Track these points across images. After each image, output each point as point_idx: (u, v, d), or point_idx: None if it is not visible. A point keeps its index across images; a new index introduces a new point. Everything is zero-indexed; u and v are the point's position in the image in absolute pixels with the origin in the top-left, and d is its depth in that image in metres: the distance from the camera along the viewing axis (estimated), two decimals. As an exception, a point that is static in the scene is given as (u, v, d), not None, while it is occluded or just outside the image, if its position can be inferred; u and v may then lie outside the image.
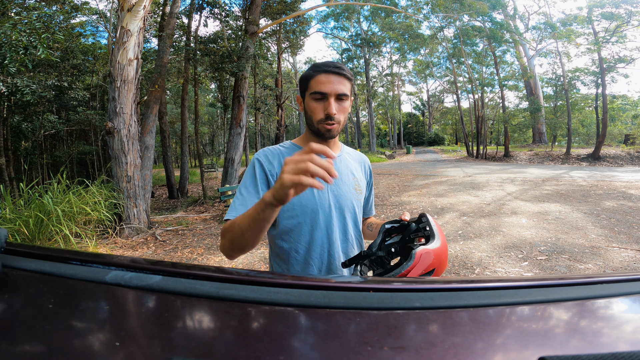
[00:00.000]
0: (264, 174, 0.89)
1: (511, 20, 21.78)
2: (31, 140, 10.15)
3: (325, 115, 0.86)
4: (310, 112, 0.89)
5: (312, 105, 0.88)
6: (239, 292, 0.40)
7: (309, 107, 0.89)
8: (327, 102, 0.86)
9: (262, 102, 10.27)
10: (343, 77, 0.87)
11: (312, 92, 0.87)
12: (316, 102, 0.87)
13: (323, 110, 0.87)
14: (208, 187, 9.62)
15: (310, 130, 0.93)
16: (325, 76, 0.86)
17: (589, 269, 3.23)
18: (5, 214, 4.02)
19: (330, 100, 0.85)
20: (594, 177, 9.76)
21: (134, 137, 5.25)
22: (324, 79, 0.86)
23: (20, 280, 0.48)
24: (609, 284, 0.45)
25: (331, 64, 0.87)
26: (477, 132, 20.70)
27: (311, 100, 0.88)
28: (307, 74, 0.89)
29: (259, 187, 0.86)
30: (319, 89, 0.86)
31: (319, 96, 0.86)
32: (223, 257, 4.19)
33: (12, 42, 4.29)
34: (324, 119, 0.87)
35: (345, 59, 27.29)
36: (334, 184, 0.94)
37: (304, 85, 0.90)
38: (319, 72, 0.87)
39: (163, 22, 8.39)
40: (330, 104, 0.85)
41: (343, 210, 0.94)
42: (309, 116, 0.90)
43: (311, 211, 0.90)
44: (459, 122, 24.35)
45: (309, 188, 0.68)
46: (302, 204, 0.90)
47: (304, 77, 0.90)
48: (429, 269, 0.69)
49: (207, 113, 26.94)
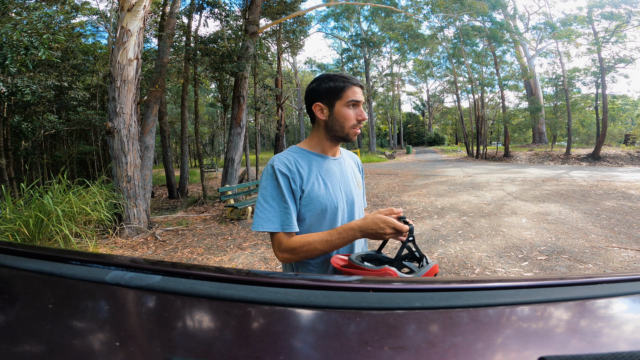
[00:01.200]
0: (288, 183, 0.97)
1: (511, 20, 21.78)
2: (31, 140, 10.15)
3: (357, 121, 1.01)
4: (343, 118, 1.00)
5: (346, 113, 0.99)
6: (239, 292, 0.40)
7: (341, 114, 1.00)
8: (359, 109, 1.01)
9: (262, 102, 10.26)
10: (362, 88, 1.02)
11: (350, 101, 0.99)
12: (351, 110, 1.00)
13: (356, 117, 1.00)
14: (208, 187, 9.63)
15: (331, 135, 1.03)
16: (358, 88, 1.00)
17: (589, 269, 3.23)
18: (5, 214, 4.02)
19: (360, 107, 1.01)
20: (594, 177, 9.76)
21: (134, 137, 5.25)
22: (357, 90, 1.00)
23: (20, 280, 0.48)
24: (609, 284, 0.45)
25: (354, 78, 1.02)
26: (477, 132, 20.69)
27: (346, 108, 0.99)
28: (339, 85, 0.99)
29: (286, 197, 0.96)
30: (355, 98, 0.99)
31: (355, 104, 1.00)
32: (223, 257, 4.20)
33: (13, 42, 4.29)
34: (356, 124, 1.01)
35: (345, 59, 27.28)
36: (344, 182, 1.06)
37: (334, 94, 0.99)
38: (352, 84, 0.99)
39: (163, 22, 8.38)
40: (362, 111, 1.01)
41: (353, 204, 1.07)
42: (340, 122, 1.00)
43: (330, 207, 1.01)
44: (459, 122, 24.34)
45: (325, 188, 1.00)
46: (321, 202, 0.99)
47: (335, 87, 0.99)
48: None
49: (207, 113, 26.95)
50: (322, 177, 1.00)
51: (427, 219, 5.49)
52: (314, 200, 0.97)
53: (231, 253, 4.34)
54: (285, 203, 0.95)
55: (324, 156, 1.04)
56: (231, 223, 6.02)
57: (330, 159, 1.05)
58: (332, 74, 1.02)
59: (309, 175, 0.98)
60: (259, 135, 12.19)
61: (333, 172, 1.03)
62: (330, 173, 1.02)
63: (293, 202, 0.96)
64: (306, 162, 1.01)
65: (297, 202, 0.97)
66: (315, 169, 1.00)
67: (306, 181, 0.98)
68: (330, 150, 1.05)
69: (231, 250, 4.44)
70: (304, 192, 0.97)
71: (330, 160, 1.05)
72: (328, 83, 1.00)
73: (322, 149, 1.05)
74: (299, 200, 0.98)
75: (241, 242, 4.80)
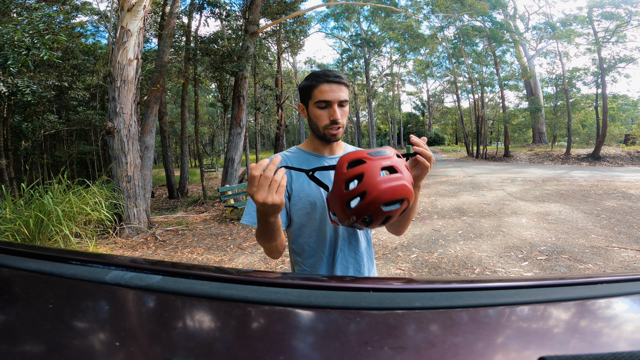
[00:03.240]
0: None
1: (511, 20, 21.77)
2: (31, 140, 10.15)
3: (330, 121, 0.94)
4: (316, 119, 0.95)
5: (318, 113, 0.94)
6: (239, 292, 0.40)
7: (314, 115, 0.95)
8: (331, 109, 0.93)
9: (262, 102, 10.27)
10: (342, 84, 0.94)
11: (317, 101, 0.93)
12: (321, 110, 0.94)
13: (328, 117, 0.93)
14: (208, 187, 9.63)
15: (315, 135, 1.00)
16: (328, 85, 0.92)
17: (589, 269, 3.23)
18: (5, 214, 4.02)
19: (334, 107, 0.92)
20: (594, 177, 9.76)
21: (134, 137, 5.25)
22: (326, 88, 0.92)
23: (20, 280, 0.48)
24: (609, 284, 0.45)
25: (330, 73, 0.93)
26: (477, 132, 20.69)
27: (316, 109, 0.94)
28: (309, 84, 0.95)
29: None
30: (323, 98, 0.92)
31: (324, 104, 0.93)
32: (223, 257, 4.20)
33: (15, 42, 4.29)
34: (330, 124, 0.94)
35: (345, 59, 27.27)
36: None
37: (306, 94, 0.96)
38: (321, 82, 0.92)
39: (163, 22, 8.38)
40: (335, 110, 0.92)
41: None
42: (314, 123, 0.97)
43: (319, 202, 0.97)
44: (459, 122, 24.33)
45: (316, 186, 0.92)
46: (311, 201, 0.97)
47: (305, 86, 0.96)
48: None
49: (207, 113, 26.94)
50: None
51: (427, 219, 5.49)
52: (303, 198, 0.96)
53: (231, 253, 4.34)
54: None
55: (319, 155, 1.03)
56: (231, 223, 6.02)
57: (325, 158, 1.03)
58: (315, 71, 0.98)
59: (299, 174, 0.97)
60: (259, 135, 12.19)
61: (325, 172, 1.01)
62: (322, 172, 1.00)
63: None
64: (299, 161, 1.00)
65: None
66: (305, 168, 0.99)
67: (295, 179, 0.97)
68: (325, 149, 1.03)
69: (231, 250, 4.44)
70: (292, 190, 0.97)
71: (326, 160, 1.03)
72: (304, 82, 0.97)
73: (315, 148, 1.03)
74: (289, 199, 0.97)
75: (241, 242, 4.80)
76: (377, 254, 3.84)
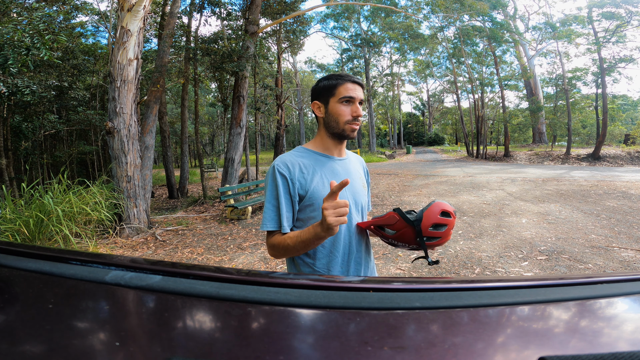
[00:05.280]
0: (285, 183, 0.98)
1: (511, 20, 21.77)
2: (31, 140, 10.14)
3: (353, 117, 1.00)
4: (337, 114, 1.01)
5: (341, 109, 1.00)
6: (239, 292, 0.40)
7: (336, 111, 1.01)
8: (354, 105, 1.00)
9: (262, 102, 10.26)
10: (360, 86, 1.03)
11: (342, 97, 1.00)
12: (344, 106, 1.00)
13: (351, 113, 1.00)
14: (208, 187, 9.62)
15: (330, 132, 1.04)
16: (352, 84, 1.00)
17: (589, 269, 3.23)
18: (5, 214, 4.02)
19: (356, 104, 1.00)
20: (594, 177, 9.76)
21: (134, 137, 5.25)
22: (350, 86, 1.00)
23: (21, 280, 0.48)
24: (609, 284, 0.45)
25: (351, 75, 1.02)
26: (477, 132, 20.69)
27: (339, 105, 1.00)
28: (333, 82, 1.01)
29: (280, 197, 0.98)
30: (348, 94, 0.99)
31: (348, 100, 1.00)
32: (223, 257, 4.20)
33: (15, 42, 4.29)
34: (352, 120, 1.00)
35: (345, 59, 27.29)
36: (350, 183, 1.06)
37: (328, 92, 1.02)
38: (346, 81, 1.01)
39: (163, 22, 8.38)
40: (358, 107, 1.01)
41: (358, 205, 1.08)
42: (334, 119, 1.01)
43: None
44: (459, 122, 24.33)
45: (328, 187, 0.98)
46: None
47: (328, 85, 1.02)
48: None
49: (207, 113, 26.94)
50: (326, 177, 1.00)
51: (427, 219, 5.48)
52: (317, 200, 0.97)
53: (231, 253, 4.34)
54: (278, 202, 0.96)
55: (329, 156, 1.04)
56: (231, 223, 6.02)
57: (335, 160, 1.05)
58: (331, 73, 1.04)
59: (313, 176, 0.99)
60: (259, 135, 12.19)
61: (337, 173, 1.03)
62: (335, 174, 1.02)
63: (288, 201, 0.97)
64: (311, 162, 1.01)
65: (295, 202, 0.98)
66: (319, 170, 1.00)
67: (309, 181, 0.98)
68: (335, 150, 1.05)
69: (231, 250, 4.44)
70: (307, 192, 0.97)
71: (336, 161, 1.05)
72: (324, 82, 1.03)
73: (326, 148, 1.05)
74: (302, 200, 0.98)
75: (241, 242, 4.80)
76: (377, 254, 3.84)
